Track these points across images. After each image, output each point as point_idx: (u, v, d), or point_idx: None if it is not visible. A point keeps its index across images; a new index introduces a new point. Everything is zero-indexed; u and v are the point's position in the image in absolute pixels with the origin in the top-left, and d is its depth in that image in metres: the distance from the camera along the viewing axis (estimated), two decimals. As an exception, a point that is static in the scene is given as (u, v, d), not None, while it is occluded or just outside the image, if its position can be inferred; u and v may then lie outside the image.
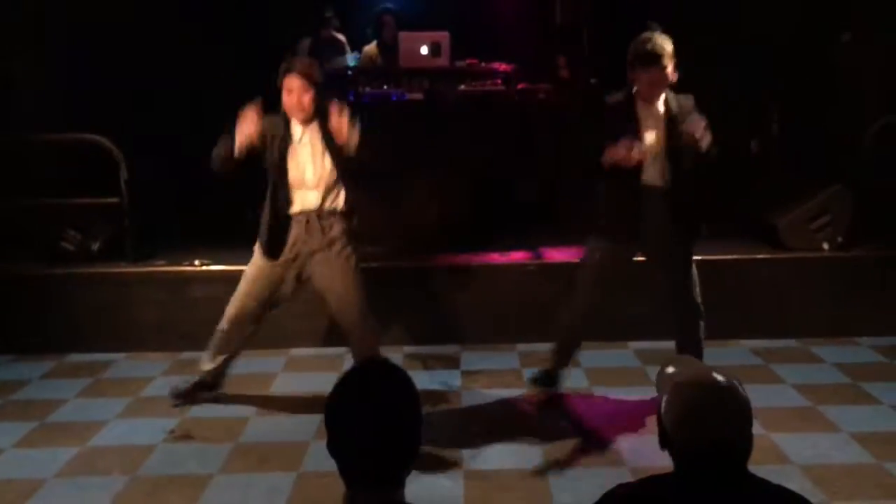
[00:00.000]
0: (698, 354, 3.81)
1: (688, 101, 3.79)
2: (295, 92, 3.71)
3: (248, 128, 3.68)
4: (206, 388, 4.18)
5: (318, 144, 3.78)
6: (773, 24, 6.15)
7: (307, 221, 3.83)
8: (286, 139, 3.78)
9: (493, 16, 7.08)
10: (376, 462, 1.60)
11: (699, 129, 3.60)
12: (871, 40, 5.57)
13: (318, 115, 3.78)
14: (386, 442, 1.59)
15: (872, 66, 5.59)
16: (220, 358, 4.12)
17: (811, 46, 5.96)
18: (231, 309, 4.03)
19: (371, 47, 6.78)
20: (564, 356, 4.13)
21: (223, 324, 4.06)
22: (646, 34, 3.69)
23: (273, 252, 3.88)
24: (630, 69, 3.72)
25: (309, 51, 7.27)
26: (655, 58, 3.61)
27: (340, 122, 3.66)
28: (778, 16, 6.15)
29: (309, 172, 3.78)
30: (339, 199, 3.85)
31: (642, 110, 3.74)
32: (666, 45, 3.65)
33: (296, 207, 3.83)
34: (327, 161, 3.78)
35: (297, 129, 3.81)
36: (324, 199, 3.81)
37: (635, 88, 3.74)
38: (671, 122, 3.72)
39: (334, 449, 1.62)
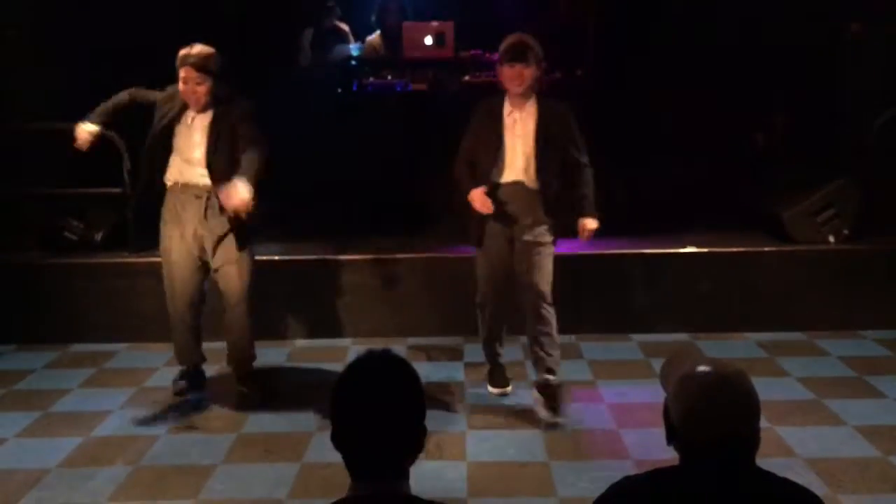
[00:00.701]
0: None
1: (562, 109, 3.81)
2: (190, 83, 3.76)
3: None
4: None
5: (210, 133, 3.81)
6: (779, 15, 6.11)
7: (202, 198, 3.86)
8: (177, 117, 3.85)
9: (499, 6, 7.04)
10: (380, 453, 1.59)
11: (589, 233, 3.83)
12: (878, 32, 5.52)
13: (216, 103, 3.83)
14: (390, 433, 1.59)
15: (879, 58, 5.55)
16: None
17: (818, 38, 5.91)
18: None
19: (374, 37, 6.75)
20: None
21: None
22: (515, 35, 3.72)
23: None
24: (498, 66, 3.74)
25: (312, 41, 7.25)
26: (520, 54, 3.65)
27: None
28: (785, 7, 6.11)
29: (197, 153, 3.83)
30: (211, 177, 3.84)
31: (510, 111, 3.76)
32: (534, 43, 3.69)
33: (176, 178, 3.88)
34: (219, 149, 3.80)
35: (189, 113, 3.86)
36: (214, 181, 3.79)
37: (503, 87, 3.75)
38: (541, 124, 3.74)
39: (339, 440, 1.61)
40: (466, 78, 6.25)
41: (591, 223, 3.86)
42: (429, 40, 5.82)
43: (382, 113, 6.03)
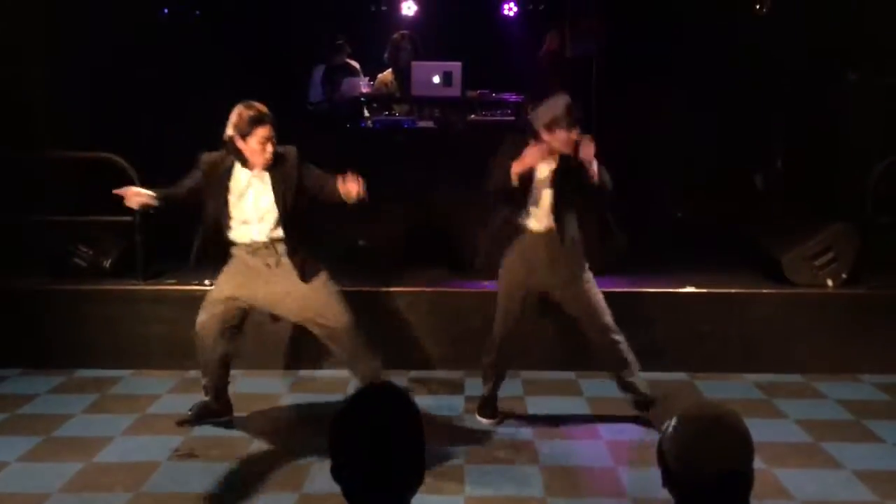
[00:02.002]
0: None
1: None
2: (268, 141, 3.78)
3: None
4: None
5: (276, 189, 3.85)
6: (780, 60, 6.23)
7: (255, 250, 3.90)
8: (228, 181, 3.86)
9: (506, 47, 7.18)
10: (381, 487, 1.60)
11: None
12: (876, 80, 5.63)
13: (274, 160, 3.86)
14: (390, 467, 1.60)
15: (878, 105, 5.64)
16: None
17: (818, 83, 6.02)
18: None
19: (386, 74, 6.87)
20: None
21: None
22: (565, 98, 3.87)
23: None
24: (548, 130, 3.84)
25: (322, 78, 7.38)
26: (576, 122, 3.82)
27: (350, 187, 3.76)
28: (786, 52, 6.23)
29: (263, 211, 3.86)
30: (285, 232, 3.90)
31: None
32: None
33: (242, 238, 3.91)
34: (274, 202, 3.84)
35: (240, 174, 3.87)
36: (288, 235, 3.88)
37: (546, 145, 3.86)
38: (559, 170, 3.88)
39: (339, 473, 1.63)
40: (472, 117, 6.35)
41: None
42: (436, 79, 5.93)
43: (389, 149, 6.13)
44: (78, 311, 5.02)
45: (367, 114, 6.69)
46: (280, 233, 3.89)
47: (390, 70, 6.82)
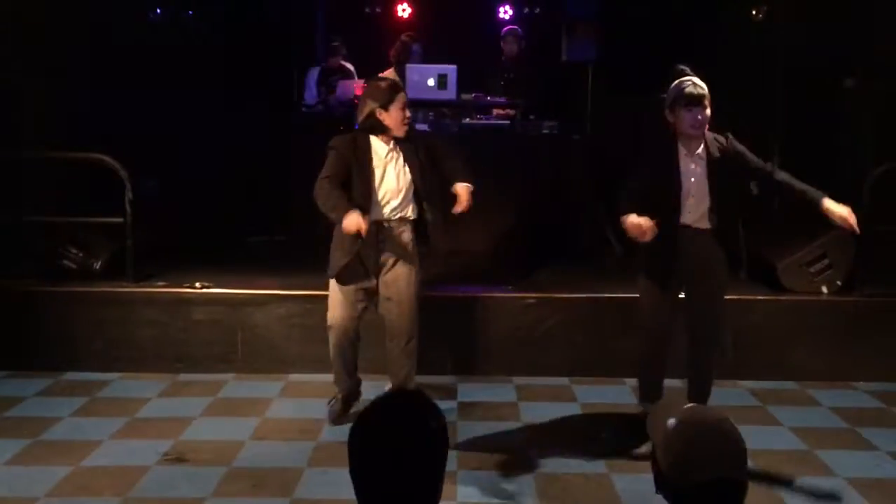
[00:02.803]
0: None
1: (724, 138, 3.92)
2: (406, 108, 3.92)
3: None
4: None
5: (404, 163, 3.97)
6: (777, 66, 6.23)
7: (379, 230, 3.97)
8: (367, 158, 3.93)
9: (501, 51, 7.17)
10: (401, 496, 1.54)
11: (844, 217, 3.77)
12: (872, 86, 5.63)
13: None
14: (411, 477, 1.54)
15: (874, 112, 5.65)
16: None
17: (815, 90, 6.02)
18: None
19: (388, 73, 6.83)
20: (656, 392, 4.17)
21: None
22: (685, 77, 3.86)
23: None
24: (671, 111, 3.86)
25: (317, 80, 7.37)
26: (699, 98, 3.79)
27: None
28: (782, 59, 6.23)
29: (403, 183, 3.96)
30: (410, 211, 4.02)
31: (683, 153, 3.88)
32: (705, 86, 3.83)
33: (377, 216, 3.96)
34: (407, 176, 3.96)
35: (380, 147, 3.96)
36: (396, 210, 3.98)
37: (671, 130, 3.88)
38: (712, 163, 3.85)
39: (356, 476, 1.56)
40: (467, 120, 6.34)
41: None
42: (431, 82, 5.91)
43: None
44: (67, 314, 4.98)
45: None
46: (412, 208, 4.00)
47: (392, 69, 6.79)
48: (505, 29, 7.21)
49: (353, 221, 3.67)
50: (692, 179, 3.86)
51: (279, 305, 4.97)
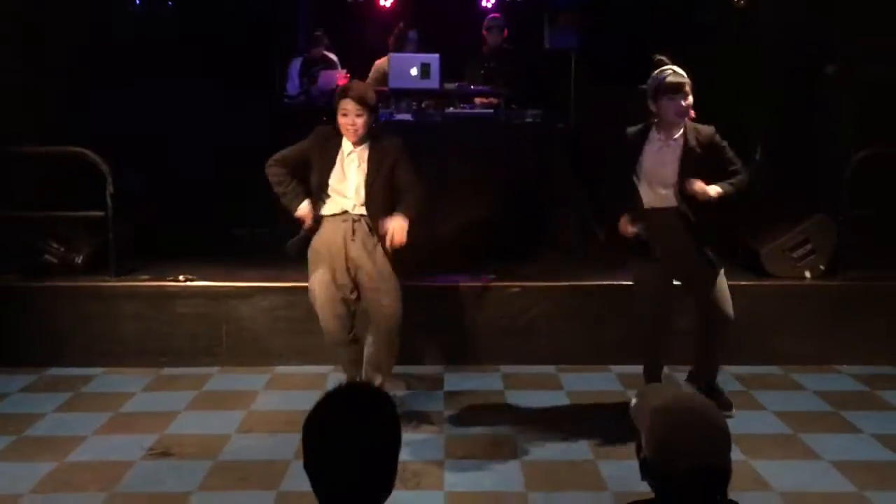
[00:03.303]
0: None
1: (707, 131, 3.96)
2: (350, 115, 3.87)
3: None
4: None
5: (370, 165, 3.94)
6: (759, 53, 6.24)
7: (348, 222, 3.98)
8: (335, 155, 3.95)
9: (484, 41, 7.13)
10: (353, 486, 1.58)
11: (698, 191, 3.84)
12: (854, 72, 5.65)
13: (371, 137, 3.96)
14: (364, 466, 1.57)
15: (856, 98, 5.67)
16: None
17: (796, 76, 6.04)
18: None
19: (383, 61, 6.77)
20: (655, 376, 4.24)
21: None
22: (664, 66, 3.91)
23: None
24: (653, 100, 3.91)
25: (300, 70, 7.31)
26: (680, 87, 3.83)
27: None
28: (764, 45, 6.24)
29: (352, 184, 3.95)
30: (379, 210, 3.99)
31: (657, 139, 3.93)
32: (685, 75, 3.88)
33: (331, 210, 3.98)
34: (376, 181, 3.95)
35: (342, 149, 3.97)
36: (369, 210, 3.97)
37: (655, 119, 3.94)
38: (686, 151, 3.89)
39: (311, 469, 1.60)
40: (451, 109, 6.31)
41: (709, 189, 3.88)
42: (414, 71, 5.88)
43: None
44: (49, 309, 4.94)
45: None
46: (364, 206, 3.97)
47: (386, 58, 6.73)
48: (489, 18, 7.16)
49: (304, 211, 3.92)
50: (660, 165, 3.91)
51: (263, 298, 4.95)
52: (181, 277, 5.00)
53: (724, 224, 4.10)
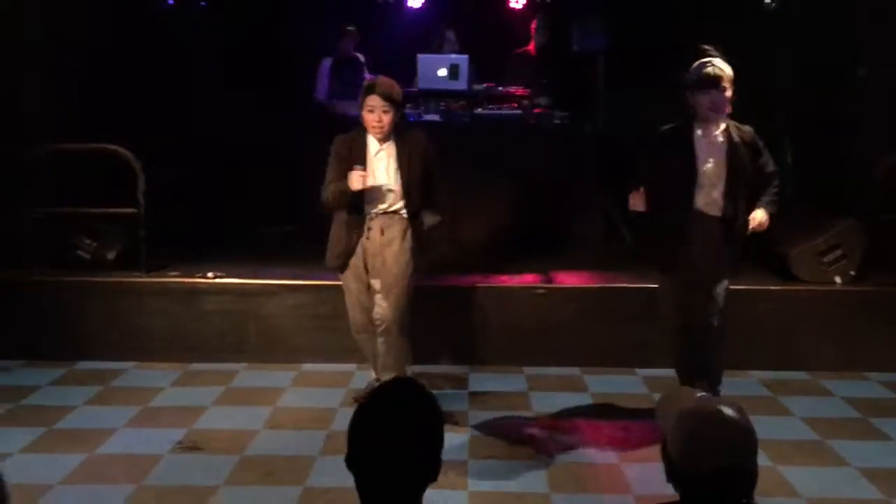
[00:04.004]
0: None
1: (748, 130, 3.85)
2: (377, 111, 3.87)
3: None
4: None
5: (401, 161, 3.96)
6: (789, 55, 6.18)
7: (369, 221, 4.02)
8: (360, 155, 3.95)
9: (513, 40, 7.13)
10: (394, 482, 1.59)
11: (760, 227, 3.79)
12: (883, 75, 5.58)
13: (396, 133, 3.97)
14: (409, 463, 1.59)
15: (884, 101, 5.60)
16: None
17: (827, 79, 5.98)
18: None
19: None
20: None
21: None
22: (705, 58, 3.76)
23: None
24: (690, 93, 3.77)
25: (330, 71, 7.33)
26: (716, 80, 3.69)
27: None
28: (794, 48, 6.18)
29: (387, 182, 3.97)
30: (400, 205, 4.02)
31: (700, 136, 3.80)
32: (726, 68, 3.73)
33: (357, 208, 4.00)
34: (394, 174, 3.96)
35: (370, 146, 3.98)
36: (391, 205, 4.00)
37: (694, 114, 3.80)
38: (732, 149, 3.77)
39: (354, 463, 1.61)
40: (479, 110, 6.32)
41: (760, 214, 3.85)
42: (442, 72, 5.89)
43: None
44: (81, 303, 5.02)
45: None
46: (400, 202, 3.99)
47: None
48: (535, 20, 7.13)
49: (355, 178, 3.81)
50: (708, 164, 3.79)
51: (290, 295, 4.99)
52: (210, 274, 5.06)
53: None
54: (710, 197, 3.81)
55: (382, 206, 4.00)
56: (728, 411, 1.72)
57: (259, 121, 6.42)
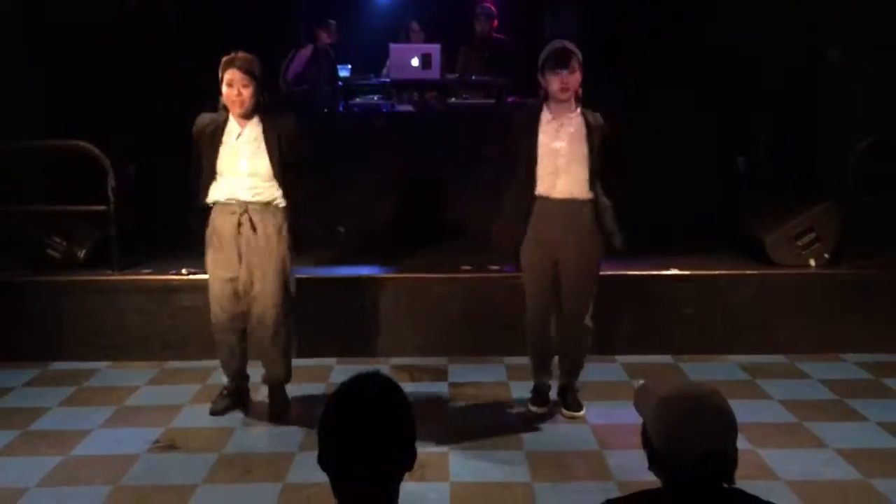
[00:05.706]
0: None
1: (598, 116, 3.81)
2: (235, 85, 3.69)
3: None
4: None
5: (257, 141, 3.77)
6: (761, 40, 6.21)
7: (240, 214, 3.81)
8: (220, 136, 3.77)
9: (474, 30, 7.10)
10: (370, 476, 1.58)
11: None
12: (857, 58, 5.62)
13: (258, 110, 3.77)
14: (380, 456, 1.58)
15: (858, 84, 5.64)
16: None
17: (799, 63, 6.01)
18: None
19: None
20: (545, 369, 4.16)
21: None
22: (556, 40, 3.74)
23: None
24: (540, 74, 3.73)
25: (309, 60, 7.27)
26: (566, 60, 3.64)
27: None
28: (766, 32, 6.21)
29: (246, 165, 3.77)
30: (275, 194, 3.83)
31: (551, 119, 3.75)
32: (576, 49, 3.69)
33: (223, 196, 3.82)
34: (264, 158, 3.77)
35: (232, 128, 3.79)
36: (257, 193, 3.80)
37: (546, 95, 3.76)
38: (584, 132, 3.73)
39: (327, 462, 1.59)
40: (452, 100, 6.29)
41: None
42: (415, 62, 5.85)
43: (369, 133, 6.06)
44: (52, 303, 4.93)
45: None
46: (266, 190, 3.79)
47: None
48: (478, 6, 7.09)
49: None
50: (556, 145, 3.72)
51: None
52: (184, 271, 4.99)
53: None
54: (564, 182, 3.75)
55: (246, 195, 3.78)
56: (709, 396, 1.72)
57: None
